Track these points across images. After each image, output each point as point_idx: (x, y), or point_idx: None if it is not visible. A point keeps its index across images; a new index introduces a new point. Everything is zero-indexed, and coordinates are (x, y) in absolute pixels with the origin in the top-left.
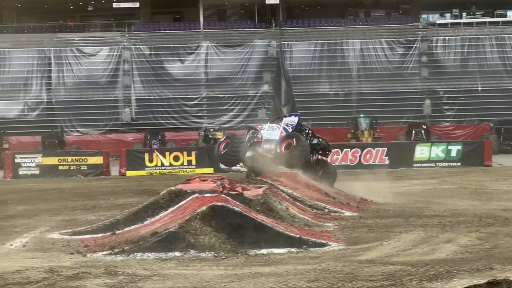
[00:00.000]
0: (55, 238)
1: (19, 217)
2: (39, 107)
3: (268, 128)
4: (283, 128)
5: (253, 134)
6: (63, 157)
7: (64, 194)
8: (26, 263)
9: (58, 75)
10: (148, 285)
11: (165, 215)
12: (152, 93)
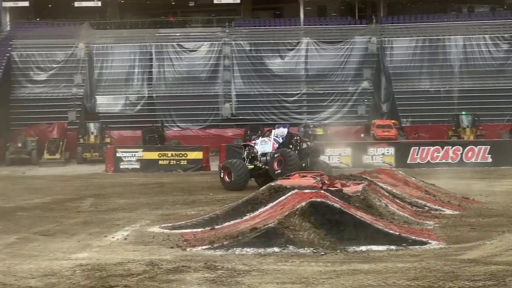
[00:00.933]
0: (156, 232)
1: (120, 211)
2: (140, 102)
3: (261, 142)
4: (274, 139)
5: (250, 150)
6: (163, 151)
7: (164, 189)
8: (128, 255)
9: (159, 70)
10: (247, 280)
11: (264, 211)
12: (252, 88)
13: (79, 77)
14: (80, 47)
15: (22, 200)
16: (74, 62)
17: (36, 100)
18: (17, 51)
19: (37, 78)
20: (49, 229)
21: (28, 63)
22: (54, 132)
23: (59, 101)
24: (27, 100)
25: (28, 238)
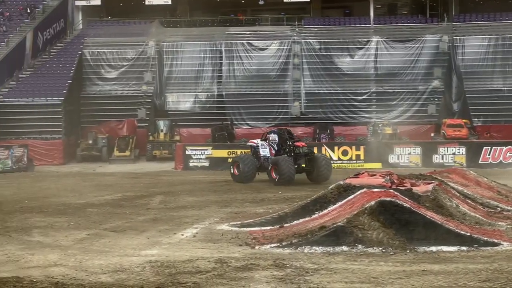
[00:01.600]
0: (224, 230)
1: (189, 208)
2: (209, 100)
3: (261, 146)
4: (270, 145)
5: (255, 149)
6: (232, 149)
7: (233, 187)
8: (196, 253)
9: (229, 68)
10: (315, 278)
11: (333, 209)
12: (321, 87)
13: (149, 74)
14: (150, 45)
15: (93, 196)
16: (144, 60)
17: (106, 97)
18: (88, 49)
19: (107, 76)
20: (119, 226)
21: (99, 61)
22: (124, 129)
23: (129, 99)
24: (98, 97)
25: (99, 234)
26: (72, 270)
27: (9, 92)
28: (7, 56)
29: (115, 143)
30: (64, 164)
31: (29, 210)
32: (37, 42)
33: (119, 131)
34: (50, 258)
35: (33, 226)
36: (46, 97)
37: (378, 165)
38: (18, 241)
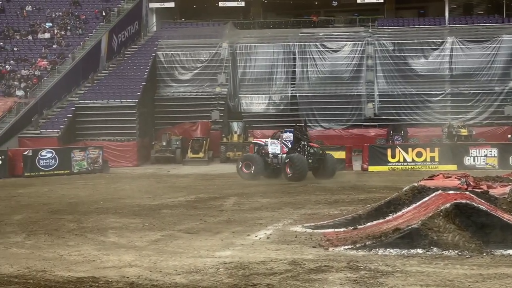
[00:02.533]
0: (298, 231)
1: (263, 210)
2: (283, 102)
3: (271, 144)
4: (283, 143)
5: (260, 147)
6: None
7: (307, 188)
8: (270, 254)
9: (302, 70)
10: (390, 281)
11: (407, 211)
12: (395, 88)
13: (223, 76)
14: (223, 47)
15: (167, 198)
16: (217, 61)
17: (180, 99)
18: (162, 51)
19: (181, 78)
20: (193, 227)
21: (173, 63)
22: (197, 131)
23: (203, 100)
24: (172, 99)
25: (173, 236)
26: (147, 271)
27: (85, 94)
28: (83, 59)
29: (189, 145)
30: (138, 165)
31: (104, 211)
32: (112, 44)
33: (193, 132)
34: (125, 258)
35: (108, 227)
36: (121, 99)
37: (453, 167)
38: (93, 242)
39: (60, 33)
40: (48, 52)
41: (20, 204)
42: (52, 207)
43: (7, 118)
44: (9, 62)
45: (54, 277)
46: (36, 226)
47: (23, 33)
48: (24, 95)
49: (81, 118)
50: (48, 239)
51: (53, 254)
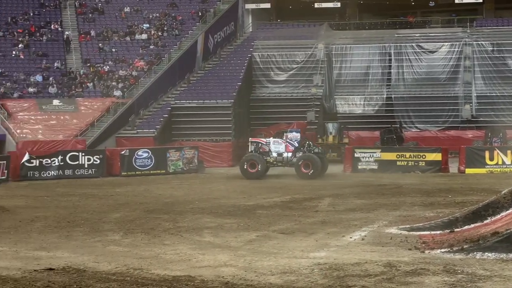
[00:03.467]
0: (393, 233)
1: (357, 211)
2: (378, 103)
3: (273, 143)
4: (288, 142)
5: (258, 146)
6: (401, 152)
7: (402, 190)
8: (365, 256)
9: (398, 71)
10: (488, 286)
11: (506, 215)
12: (494, 90)
13: (318, 77)
14: (319, 48)
15: (262, 198)
16: (313, 62)
17: (275, 100)
18: (258, 52)
19: (277, 78)
20: (287, 228)
21: (269, 64)
22: None
23: (298, 101)
24: (267, 99)
25: (268, 236)
26: (242, 271)
27: (181, 95)
28: (179, 59)
29: None
30: (233, 166)
31: (200, 211)
32: (208, 45)
33: None
34: (220, 258)
35: (203, 226)
36: (217, 99)
37: None
38: (189, 241)
39: (157, 34)
40: (145, 53)
41: (118, 202)
42: (148, 206)
43: (105, 118)
44: (107, 62)
45: (150, 275)
46: (133, 225)
47: (121, 34)
48: (122, 95)
49: (177, 118)
50: (144, 237)
51: (149, 253)
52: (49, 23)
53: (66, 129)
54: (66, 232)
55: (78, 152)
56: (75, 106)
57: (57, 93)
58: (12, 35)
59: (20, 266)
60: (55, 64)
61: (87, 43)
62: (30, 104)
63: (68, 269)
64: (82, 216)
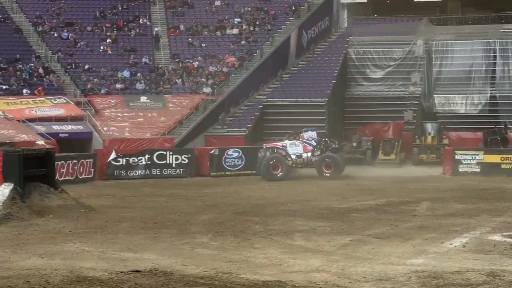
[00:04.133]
0: (497, 240)
1: (458, 216)
2: (481, 102)
3: (290, 145)
4: (305, 142)
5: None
6: (506, 155)
7: (506, 194)
8: (466, 264)
9: (503, 68)
10: None
11: None
12: None
13: (417, 75)
14: (418, 44)
15: (356, 201)
16: (411, 59)
17: (371, 98)
18: (353, 48)
19: (373, 76)
20: (383, 232)
21: (364, 60)
22: (389, 132)
23: (395, 100)
24: (362, 98)
25: (362, 240)
26: (335, 277)
27: (273, 92)
28: (272, 55)
29: (380, 146)
30: None
31: (291, 213)
32: (301, 41)
33: (384, 133)
34: (312, 263)
35: (295, 229)
36: (310, 97)
37: None
38: (280, 245)
39: (248, 28)
40: (236, 48)
41: (206, 204)
42: (238, 208)
43: (194, 116)
44: (196, 58)
45: (239, 280)
46: (222, 227)
47: (212, 29)
48: (211, 92)
49: (268, 117)
50: (234, 240)
51: (239, 256)
52: (137, 18)
53: (154, 127)
54: (153, 234)
55: (166, 151)
56: (163, 103)
57: (144, 90)
58: (100, 30)
59: (107, 267)
60: (143, 60)
61: (176, 38)
62: (117, 101)
63: (155, 272)
64: (169, 217)
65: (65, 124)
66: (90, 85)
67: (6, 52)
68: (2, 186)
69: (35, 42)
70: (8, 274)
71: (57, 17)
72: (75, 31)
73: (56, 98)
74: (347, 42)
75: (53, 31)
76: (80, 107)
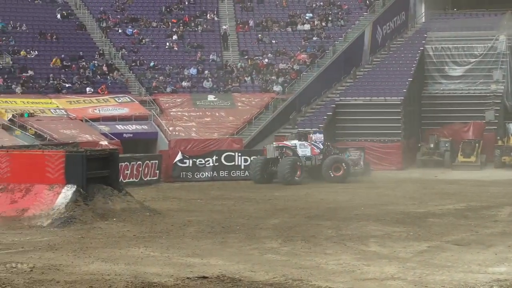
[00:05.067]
0: None
1: None
2: None
3: (300, 146)
4: (313, 145)
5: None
6: None
7: None
8: None
9: None
10: None
11: None
12: None
13: (499, 72)
14: (500, 40)
15: (434, 205)
16: (493, 56)
17: (450, 97)
18: (431, 45)
19: (452, 74)
20: (463, 238)
21: (443, 57)
22: (469, 132)
23: (476, 99)
24: (441, 97)
25: (440, 247)
26: (411, 285)
27: (346, 91)
28: (345, 52)
29: (459, 148)
30: (403, 169)
31: (365, 218)
32: (376, 36)
33: (463, 134)
34: (387, 270)
35: (369, 235)
36: (385, 96)
37: None
38: (353, 251)
39: (320, 24)
40: (308, 45)
41: (276, 207)
42: (309, 212)
43: (263, 115)
44: (266, 55)
45: (311, 287)
46: (292, 232)
47: (282, 25)
48: (282, 90)
49: (341, 116)
50: (305, 246)
51: (310, 262)
52: (204, 13)
53: (222, 126)
54: (221, 238)
55: (234, 152)
56: (231, 102)
57: (212, 88)
58: (166, 26)
59: (172, 273)
60: (210, 57)
61: (245, 34)
62: (184, 100)
63: (223, 278)
64: (237, 221)
65: (129, 123)
66: (155, 83)
67: (70, 49)
68: (64, 188)
69: (98, 39)
70: (71, 278)
71: (121, 13)
72: (140, 27)
73: (120, 96)
74: (425, 38)
75: (117, 27)
76: (144, 106)
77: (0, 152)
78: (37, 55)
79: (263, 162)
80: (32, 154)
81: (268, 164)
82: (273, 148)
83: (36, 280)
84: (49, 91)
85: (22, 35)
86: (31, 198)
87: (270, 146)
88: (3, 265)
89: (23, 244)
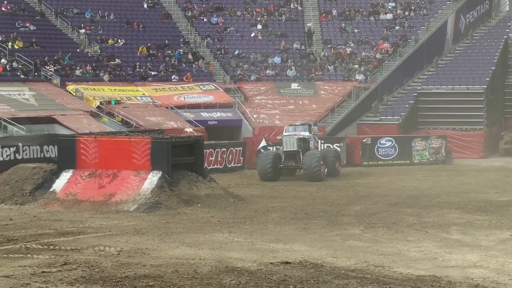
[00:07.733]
0: None
1: None
2: None
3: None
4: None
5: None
6: None
7: None
8: None
9: None
10: None
11: None
12: None
13: None
14: None
15: None
16: None
17: None
18: None
19: None
20: None
21: None
22: None
23: None
24: None
25: None
26: (494, 273)
27: (428, 79)
28: (427, 41)
29: None
30: (485, 157)
31: (447, 205)
32: (459, 25)
33: None
34: (469, 258)
35: (451, 222)
36: (467, 85)
37: None
38: (435, 238)
39: (403, 13)
40: (390, 34)
41: (358, 194)
42: (390, 199)
43: (346, 103)
44: (349, 44)
45: (392, 274)
46: (374, 219)
47: (365, 14)
48: (364, 79)
49: (423, 105)
50: (386, 232)
51: (391, 249)
52: (288, 2)
53: (305, 114)
54: (303, 224)
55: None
56: (314, 90)
57: (295, 76)
58: (251, 15)
59: (256, 258)
60: (294, 45)
61: (328, 23)
62: (268, 88)
63: (305, 263)
64: (320, 207)
65: (214, 111)
66: (239, 71)
67: (156, 38)
68: (150, 174)
69: (184, 28)
70: (157, 262)
71: (207, 2)
72: (225, 16)
73: (205, 84)
74: (508, 27)
75: (202, 16)
76: (229, 94)
77: (88, 139)
78: (124, 43)
79: (274, 157)
80: (119, 141)
81: (279, 159)
82: (295, 140)
83: (124, 263)
84: (135, 79)
85: (110, 24)
86: (118, 183)
87: (290, 138)
88: (91, 248)
89: (111, 228)
